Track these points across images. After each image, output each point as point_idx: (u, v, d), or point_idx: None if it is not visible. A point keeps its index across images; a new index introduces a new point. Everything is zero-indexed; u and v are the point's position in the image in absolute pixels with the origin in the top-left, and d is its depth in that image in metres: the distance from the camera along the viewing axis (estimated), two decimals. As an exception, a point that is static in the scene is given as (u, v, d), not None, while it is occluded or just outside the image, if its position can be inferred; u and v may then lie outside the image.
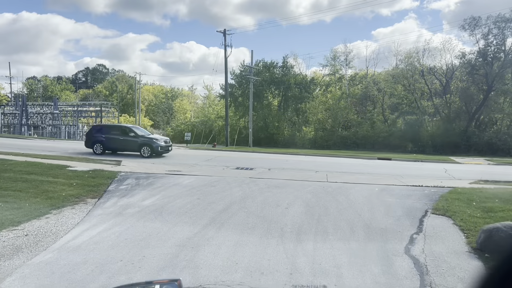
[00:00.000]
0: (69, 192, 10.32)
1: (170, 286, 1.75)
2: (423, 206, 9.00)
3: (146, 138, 20.13)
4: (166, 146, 20.23)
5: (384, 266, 5.52)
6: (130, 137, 20.05)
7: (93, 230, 7.33)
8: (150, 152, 19.39)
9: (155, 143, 19.64)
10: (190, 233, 6.98)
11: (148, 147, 19.45)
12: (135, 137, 19.97)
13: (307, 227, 7.37)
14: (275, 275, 5.20)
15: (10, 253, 6.25)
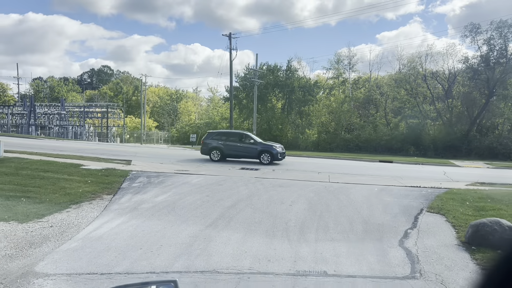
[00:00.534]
0: (85, 189, 10.95)
1: (167, 287, 1.74)
2: (419, 205, 9.56)
3: (265, 144, 20.01)
4: (283, 153, 20.00)
5: (379, 256, 6.10)
6: (249, 143, 19.87)
7: (112, 223, 7.94)
8: (270, 159, 19.17)
9: (275, 149, 19.46)
10: (202, 226, 7.58)
11: (268, 154, 19.26)
12: (254, 144, 19.79)
13: (309, 222, 7.95)
14: (281, 262, 5.79)
15: (39, 242, 6.88)
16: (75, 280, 5.25)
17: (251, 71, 49.89)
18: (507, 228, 6.39)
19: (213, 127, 60.23)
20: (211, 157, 19.81)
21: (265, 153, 19.36)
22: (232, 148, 19.77)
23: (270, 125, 50.79)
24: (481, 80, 38.10)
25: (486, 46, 36.36)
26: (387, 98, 45.17)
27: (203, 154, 20.28)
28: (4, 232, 7.28)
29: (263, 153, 19.36)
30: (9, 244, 6.71)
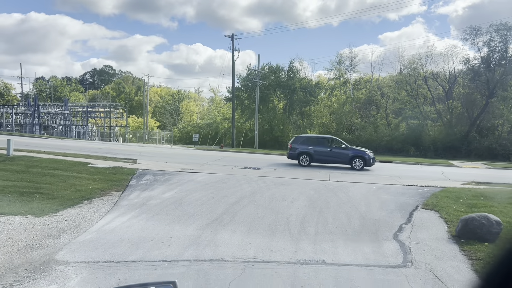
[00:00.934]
0: (94, 186, 11.42)
1: None
2: (415, 202, 10.01)
3: (357, 150, 19.67)
4: (374, 158, 19.55)
5: (374, 248, 6.55)
6: (340, 148, 19.40)
7: (123, 217, 8.41)
8: (363, 165, 18.69)
9: (367, 155, 19.03)
10: (208, 220, 8.04)
11: (360, 159, 18.81)
12: (346, 149, 19.34)
13: (310, 217, 8.41)
14: (283, 252, 6.25)
15: (56, 234, 7.35)
16: (94, 267, 5.71)
17: (253, 72, 50.37)
18: (494, 222, 6.83)
19: (215, 127, 60.74)
20: (299, 162, 19.38)
21: (357, 158, 18.91)
22: (322, 153, 19.30)
23: (271, 125, 51.25)
24: (481, 81, 38.51)
25: (486, 48, 36.80)
26: (387, 99, 45.60)
27: (291, 158, 19.86)
28: (23, 225, 7.75)
29: (355, 158, 18.90)
30: (29, 235, 7.18)
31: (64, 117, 51.71)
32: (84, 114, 56.98)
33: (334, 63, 59.92)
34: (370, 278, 5.24)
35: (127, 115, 65.26)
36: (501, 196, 10.72)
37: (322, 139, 20.59)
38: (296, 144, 19.85)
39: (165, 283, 1.75)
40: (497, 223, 6.86)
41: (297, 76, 54.11)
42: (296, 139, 20.34)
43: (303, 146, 19.59)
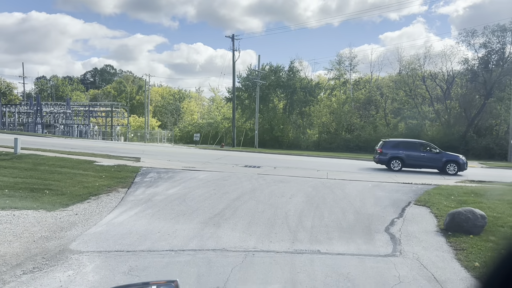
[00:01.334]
0: (101, 183, 11.88)
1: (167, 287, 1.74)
2: (408, 199, 10.47)
3: (450, 154, 19.36)
4: (467, 163, 19.16)
5: (366, 239, 7.02)
6: (433, 153, 19.12)
7: (130, 212, 8.87)
8: (457, 170, 18.41)
9: (462, 160, 18.82)
10: (211, 215, 8.51)
11: (454, 164, 18.57)
12: (439, 154, 19.05)
13: (307, 212, 8.87)
14: (281, 243, 6.71)
15: (68, 226, 7.81)
16: (106, 255, 6.18)
17: (253, 72, 50.83)
18: (479, 216, 7.30)
19: (215, 126, 61.22)
20: (390, 167, 19.07)
21: (451, 163, 18.67)
22: (414, 158, 19.06)
23: (271, 125, 51.70)
24: (478, 82, 39.00)
25: (483, 49, 37.28)
26: (386, 99, 46.07)
27: (380, 163, 19.56)
28: (36, 218, 8.22)
29: (449, 163, 18.65)
30: (43, 228, 7.64)
31: (66, 116, 52.18)
32: (86, 114, 57.44)
33: (334, 63, 60.34)
34: (361, 266, 5.71)
35: (128, 115, 65.72)
36: (491, 193, 11.18)
37: (414, 144, 20.19)
38: (386, 149, 19.41)
39: (167, 282, 1.74)
40: (482, 217, 7.32)
41: (297, 76, 54.58)
42: (386, 144, 19.85)
43: (394, 151, 19.26)
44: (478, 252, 6.17)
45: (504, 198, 10.28)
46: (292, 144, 49.50)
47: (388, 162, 19.23)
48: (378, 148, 19.77)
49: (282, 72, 53.96)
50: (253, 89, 49.58)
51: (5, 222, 7.86)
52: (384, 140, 20.59)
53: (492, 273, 0.98)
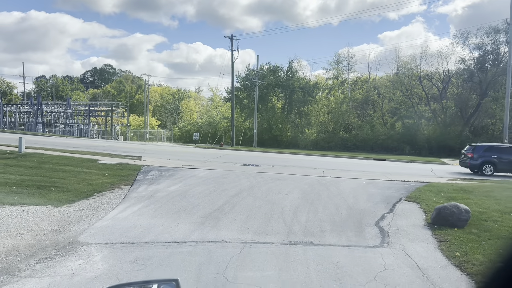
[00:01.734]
0: (104, 180, 12.32)
1: (168, 285, 1.74)
2: (399, 195, 10.93)
3: None
4: None
5: (357, 232, 7.47)
6: None
7: (134, 207, 9.31)
8: None
9: None
10: (211, 210, 8.95)
11: None
12: None
13: (302, 207, 9.32)
14: (276, 235, 7.16)
15: (75, 221, 8.25)
16: (113, 247, 6.61)
17: (252, 72, 51.24)
18: (463, 211, 7.75)
19: (214, 126, 61.64)
20: (482, 172, 18.73)
21: None
22: (506, 162, 18.83)
23: (270, 124, 52.11)
24: (474, 82, 39.48)
25: (477, 50, 37.77)
26: (383, 99, 46.52)
27: (471, 168, 19.25)
28: (45, 213, 8.65)
29: None
30: (51, 222, 8.08)
31: (66, 115, 52.55)
32: (86, 113, 57.82)
33: (332, 63, 60.71)
34: (350, 255, 6.15)
35: (128, 114, 66.10)
36: (479, 190, 11.64)
37: (508, 148, 19.78)
38: (477, 153, 19.14)
39: (168, 280, 1.74)
40: (466, 211, 7.77)
41: (296, 76, 54.98)
42: (477, 148, 19.50)
43: (486, 155, 19.02)
44: (460, 243, 6.62)
45: (491, 195, 10.73)
46: (291, 143, 49.95)
47: (479, 167, 18.97)
48: (468, 153, 19.53)
49: (281, 72, 54.36)
50: (252, 89, 50.00)
51: (16, 217, 8.29)
52: (474, 144, 20.24)
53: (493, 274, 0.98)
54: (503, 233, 7.11)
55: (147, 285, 1.75)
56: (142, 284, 1.81)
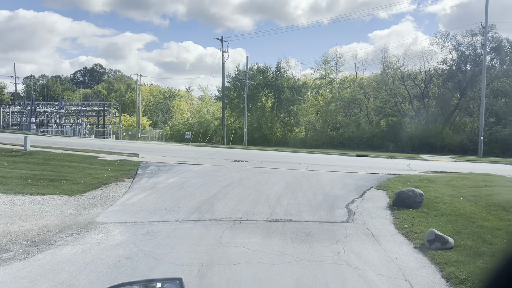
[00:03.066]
0: (108, 174, 13.65)
1: (172, 284, 1.74)
2: (371, 185, 12.47)
3: None
4: None
5: (328, 212, 8.97)
6: None
7: (139, 196, 10.70)
8: None
9: None
10: (206, 197, 10.38)
11: None
12: None
13: (285, 195, 10.80)
14: (262, 215, 8.62)
15: (90, 207, 9.61)
16: (126, 225, 8.01)
17: (242, 73, 52.65)
18: (418, 194, 9.29)
19: (205, 125, 62.91)
20: None
21: None
22: None
23: (260, 123, 53.59)
24: (454, 82, 41.44)
25: (456, 52, 39.72)
26: (369, 98, 48.32)
27: None
28: (62, 201, 10.00)
29: None
30: (70, 208, 9.43)
31: (59, 115, 53.39)
32: (78, 113, 58.68)
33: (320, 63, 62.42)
34: (320, 228, 7.64)
35: (120, 114, 67.03)
36: (441, 180, 13.23)
37: None
38: None
39: (172, 279, 1.75)
40: (420, 194, 9.32)
41: (285, 76, 56.53)
42: None
43: None
44: (410, 219, 8.15)
45: (450, 183, 12.32)
46: (280, 142, 51.51)
47: None
48: None
49: (270, 72, 55.83)
50: (242, 89, 51.39)
51: (38, 203, 9.63)
52: None
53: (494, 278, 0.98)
54: (447, 211, 8.66)
55: (151, 283, 1.73)
56: (146, 282, 1.77)
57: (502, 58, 39.97)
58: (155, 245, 6.56)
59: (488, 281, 0.97)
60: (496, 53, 40.14)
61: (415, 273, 5.37)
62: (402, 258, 5.98)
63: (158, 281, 1.73)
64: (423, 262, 5.80)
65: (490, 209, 8.76)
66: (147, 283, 1.76)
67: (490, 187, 11.56)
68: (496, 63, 41.24)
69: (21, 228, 7.64)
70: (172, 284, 1.72)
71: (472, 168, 20.44)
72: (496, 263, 0.96)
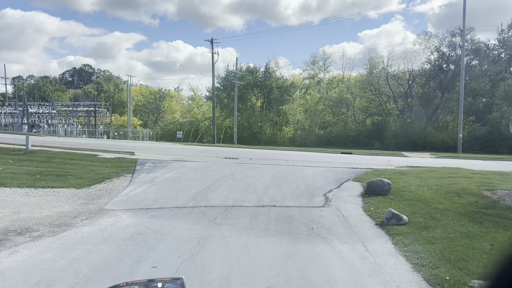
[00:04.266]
0: (109, 170, 14.81)
1: (173, 284, 1.74)
2: (349, 177, 13.84)
3: None
4: None
5: (308, 199, 10.30)
6: None
7: (139, 188, 11.91)
8: None
9: None
10: (200, 188, 11.63)
11: None
12: None
13: (271, 186, 12.11)
14: (250, 202, 9.91)
15: (97, 197, 10.80)
16: (132, 211, 9.23)
17: (231, 73, 53.88)
18: (386, 183, 10.67)
19: (196, 125, 64.01)
20: None
21: None
22: None
23: (250, 123, 54.88)
24: (435, 82, 43.22)
25: (437, 53, 41.51)
26: (355, 98, 49.96)
27: None
28: (71, 193, 11.17)
29: None
30: (80, 198, 10.61)
31: (51, 116, 54.04)
32: (69, 114, 59.35)
33: (308, 63, 64.00)
34: (299, 211, 8.96)
35: (111, 114, 67.76)
36: (412, 173, 14.67)
37: None
38: None
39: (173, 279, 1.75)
40: (388, 184, 10.70)
41: (273, 76, 57.91)
42: None
43: None
44: (377, 204, 9.51)
45: (419, 176, 13.76)
46: (270, 141, 52.87)
47: None
48: None
49: (259, 73, 57.13)
50: (232, 89, 52.61)
51: (51, 195, 10.80)
52: None
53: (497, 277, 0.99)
54: (410, 198, 10.04)
55: (152, 283, 1.74)
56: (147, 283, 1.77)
57: (481, 60, 41.86)
58: (160, 225, 7.81)
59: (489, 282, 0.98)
60: (475, 54, 42.04)
61: (372, 241, 6.72)
62: (364, 231, 7.33)
63: (159, 281, 1.73)
64: (379, 233, 7.16)
65: (447, 195, 10.19)
66: (147, 283, 1.75)
67: (453, 178, 13.02)
68: (475, 64, 43.13)
69: (41, 214, 8.82)
70: (173, 284, 1.72)
71: (447, 163, 21.98)
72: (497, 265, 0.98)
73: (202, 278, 5.01)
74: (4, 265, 5.58)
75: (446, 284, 4.80)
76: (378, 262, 5.67)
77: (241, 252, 6.07)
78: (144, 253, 6.02)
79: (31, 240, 6.87)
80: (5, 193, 10.79)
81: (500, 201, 9.45)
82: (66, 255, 5.99)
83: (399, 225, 7.52)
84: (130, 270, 5.29)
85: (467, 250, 5.93)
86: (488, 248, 6.06)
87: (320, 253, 6.01)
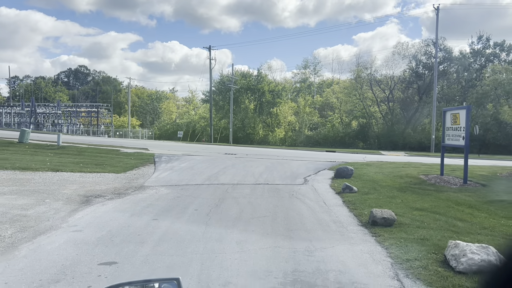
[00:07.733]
0: (135, 161, 18.42)
1: (170, 284, 1.77)
2: (325, 167, 17.63)
3: None
4: None
5: (292, 180, 14.06)
6: None
7: (164, 173, 15.55)
8: None
9: None
10: (211, 173, 15.32)
11: None
12: None
13: (265, 172, 15.84)
14: (250, 181, 13.64)
15: (135, 179, 14.41)
16: (166, 186, 12.87)
17: (224, 77, 57.58)
18: (350, 169, 14.47)
19: (192, 125, 67.66)
20: None
21: None
22: None
23: (244, 124, 58.63)
24: (413, 87, 47.35)
25: (414, 61, 45.66)
26: (341, 102, 53.97)
27: None
28: (114, 176, 14.76)
29: None
30: (122, 180, 14.22)
31: (56, 116, 57.27)
32: (72, 114, 62.59)
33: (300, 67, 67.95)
34: (285, 186, 12.71)
35: (112, 115, 71.08)
36: (376, 164, 18.51)
37: None
38: None
39: (169, 279, 1.79)
40: (351, 170, 14.50)
41: (266, 80, 61.74)
42: None
43: None
44: (340, 183, 13.24)
45: (380, 166, 17.60)
46: (262, 141, 56.67)
47: None
48: None
49: (252, 77, 60.91)
50: (227, 91, 56.30)
51: (99, 177, 14.41)
52: None
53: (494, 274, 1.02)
54: (366, 179, 13.82)
55: (148, 284, 1.77)
56: (144, 283, 1.79)
57: (454, 67, 46.08)
58: (190, 193, 11.49)
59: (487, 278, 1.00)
60: (449, 62, 46.26)
61: (330, 201, 10.47)
62: (326, 196, 11.09)
63: (155, 281, 1.77)
64: (335, 197, 10.92)
65: (393, 178, 14.02)
66: (144, 283, 1.78)
67: (405, 168, 16.89)
68: (449, 71, 47.36)
69: (101, 187, 12.44)
70: (169, 284, 1.75)
71: (413, 159, 25.90)
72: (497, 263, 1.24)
73: (227, 214, 8.72)
74: (103, 208, 9.22)
75: (363, 215, 8.57)
76: (330, 209, 9.43)
77: (247, 205, 9.78)
78: (187, 205, 9.70)
79: (107, 199, 10.51)
80: (66, 176, 14.39)
81: (427, 181, 13.29)
82: (138, 205, 9.65)
83: (350, 193, 11.28)
84: (183, 210, 8.98)
85: (385, 202, 9.72)
86: (399, 202, 9.86)
87: (295, 204, 9.77)
